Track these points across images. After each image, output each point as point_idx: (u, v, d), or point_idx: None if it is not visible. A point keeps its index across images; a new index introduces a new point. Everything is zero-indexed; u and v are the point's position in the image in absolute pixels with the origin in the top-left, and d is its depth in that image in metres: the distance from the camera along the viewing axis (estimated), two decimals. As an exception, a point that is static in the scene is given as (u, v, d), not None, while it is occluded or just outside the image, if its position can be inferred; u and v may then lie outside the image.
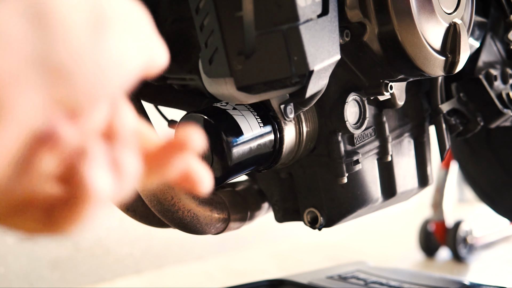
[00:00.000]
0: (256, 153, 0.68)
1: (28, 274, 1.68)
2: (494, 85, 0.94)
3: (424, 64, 0.66)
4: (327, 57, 0.56)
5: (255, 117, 0.69)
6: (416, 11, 0.64)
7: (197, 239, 1.67)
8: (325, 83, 0.60)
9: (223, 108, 0.69)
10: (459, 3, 0.71)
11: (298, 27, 0.52)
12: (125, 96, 0.32)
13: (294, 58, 0.52)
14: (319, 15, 0.55)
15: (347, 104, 0.72)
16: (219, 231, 0.81)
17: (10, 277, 1.63)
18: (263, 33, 0.52)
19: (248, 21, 0.53)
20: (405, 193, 0.87)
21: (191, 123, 0.68)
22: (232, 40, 0.54)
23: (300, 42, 0.52)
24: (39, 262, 1.71)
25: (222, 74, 0.57)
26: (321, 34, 0.55)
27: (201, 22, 0.56)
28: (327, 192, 0.77)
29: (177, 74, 0.83)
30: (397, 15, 0.62)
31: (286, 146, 0.71)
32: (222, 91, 0.59)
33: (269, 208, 0.90)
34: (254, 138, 0.67)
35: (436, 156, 0.93)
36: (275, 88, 0.55)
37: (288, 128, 0.71)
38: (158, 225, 0.82)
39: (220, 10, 0.54)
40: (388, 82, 0.71)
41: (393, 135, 0.83)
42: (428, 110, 0.90)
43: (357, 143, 0.76)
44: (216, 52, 0.56)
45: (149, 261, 1.80)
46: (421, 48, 0.65)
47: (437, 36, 0.68)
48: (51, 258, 1.73)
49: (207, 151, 0.66)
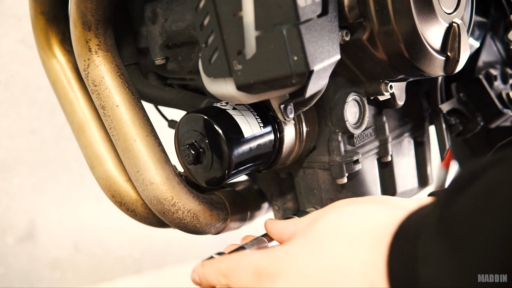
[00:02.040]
0: (256, 153, 0.68)
1: (28, 274, 1.68)
2: (494, 85, 0.94)
3: (424, 64, 0.66)
4: (327, 57, 0.56)
5: (255, 117, 0.69)
6: (416, 11, 0.64)
7: (197, 239, 1.67)
8: (325, 83, 0.60)
9: (223, 108, 0.69)
10: (459, 3, 0.71)
11: (298, 27, 0.52)
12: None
13: (294, 58, 0.52)
14: (319, 15, 0.55)
15: (347, 104, 0.72)
16: (219, 231, 0.81)
17: (10, 277, 1.63)
18: (263, 33, 0.52)
19: (248, 21, 0.53)
20: (405, 193, 0.87)
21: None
22: (232, 40, 0.54)
23: (300, 42, 0.52)
24: (39, 262, 1.71)
25: (222, 74, 0.57)
26: (321, 34, 0.55)
27: (201, 21, 0.56)
28: (327, 192, 0.77)
29: (177, 74, 0.83)
30: (397, 15, 0.62)
31: (286, 146, 0.71)
32: (222, 91, 0.59)
33: (269, 208, 0.90)
34: (254, 138, 0.67)
35: (436, 156, 0.93)
36: (275, 88, 0.55)
37: (288, 128, 0.71)
38: (158, 225, 0.82)
39: (220, 10, 0.54)
40: (388, 82, 0.71)
41: (393, 135, 0.83)
42: (428, 110, 0.90)
43: (357, 143, 0.76)
44: (216, 52, 0.56)
45: (149, 261, 1.80)
46: (421, 48, 0.65)
47: (437, 36, 0.68)
48: (51, 258, 1.73)
49: (207, 151, 0.66)
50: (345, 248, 0.44)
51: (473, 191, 0.37)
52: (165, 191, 0.73)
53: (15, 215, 1.74)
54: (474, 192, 0.37)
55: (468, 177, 0.39)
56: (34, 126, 1.78)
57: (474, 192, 0.37)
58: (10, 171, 1.74)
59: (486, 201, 0.36)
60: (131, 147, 0.74)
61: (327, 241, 0.46)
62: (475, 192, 0.37)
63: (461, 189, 0.38)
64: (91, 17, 0.72)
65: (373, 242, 0.43)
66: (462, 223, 0.36)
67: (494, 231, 0.34)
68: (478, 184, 0.37)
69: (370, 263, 0.42)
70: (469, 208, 0.37)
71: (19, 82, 1.75)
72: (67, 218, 1.81)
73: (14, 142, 1.75)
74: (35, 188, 1.77)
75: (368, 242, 0.44)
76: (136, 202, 0.79)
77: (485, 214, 0.35)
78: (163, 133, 0.85)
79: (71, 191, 1.82)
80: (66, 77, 0.84)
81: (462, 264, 0.36)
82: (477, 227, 0.35)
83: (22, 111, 1.76)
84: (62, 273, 1.71)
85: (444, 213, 0.38)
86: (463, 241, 0.36)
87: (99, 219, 1.84)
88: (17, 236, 1.71)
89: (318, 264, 0.45)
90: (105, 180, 0.80)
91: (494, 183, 0.36)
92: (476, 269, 0.35)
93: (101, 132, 0.81)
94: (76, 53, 0.76)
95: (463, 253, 0.36)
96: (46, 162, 1.79)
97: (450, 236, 0.37)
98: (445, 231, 0.37)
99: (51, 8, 0.80)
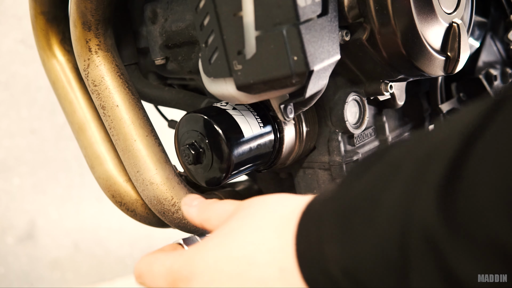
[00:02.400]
0: (256, 153, 0.68)
1: (28, 274, 1.68)
2: (494, 85, 0.94)
3: (424, 64, 0.66)
4: (327, 57, 0.56)
5: (255, 117, 0.69)
6: (416, 11, 0.63)
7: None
8: (325, 83, 0.60)
9: (223, 108, 0.68)
10: (459, 3, 0.71)
11: (298, 27, 0.52)
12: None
13: (294, 58, 0.52)
14: (319, 15, 0.55)
15: (347, 104, 0.72)
16: (219, 231, 0.81)
17: (10, 277, 1.63)
18: (263, 33, 0.52)
19: (248, 21, 0.53)
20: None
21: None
22: (232, 40, 0.54)
23: (300, 42, 0.52)
24: (39, 262, 1.71)
25: (222, 74, 0.57)
26: (321, 34, 0.55)
27: (201, 21, 0.56)
28: (327, 192, 0.77)
29: (177, 74, 0.83)
30: (397, 15, 0.62)
31: (286, 146, 0.71)
32: (222, 91, 0.59)
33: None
34: (254, 138, 0.67)
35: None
36: (275, 88, 0.55)
37: (288, 128, 0.71)
38: (158, 225, 0.82)
39: (220, 10, 0.54)
40: (388, 82, 0.71)
41: (393, 135, 0.83)
42: (428, 110, 0.90)
43: (357, 143, 0.76)
44: (216, 52, 0.56)
45: (149, 261, 1.80)
46: (421, 48, 0.65)
47: (437, 36, 0.68)
48: (51, 258, 1.73)
49: (207, 151, 0.66)
50: (254, 237, 0.44)
51: (375, 169, 0.38)
52: (165, 191, 0.73)
53: (15, 215, 1.74)
54: (376, 169, 0.38)
55: (373, 157, 0.39)
56: (34, 126, 1.78)
57: (376, 169, 0.38)
58: (10, 171, 1.74)
59: (386, 178, 0.36)
60: (131, 147, 0.74)
61: (236, 233, 0.46)
62: (377, 170, 0.37)
63: (366, 168, 0.39)
64: (91, 17, 0.72)
65: (280, 227, 0.43)
66: (362, 200, 0.37)
67: (393, 207, 0.34)
68: (381, 162, 0.38)
69: (278, 248, 0.42)
70: (370, 185, 0.37)
71: (19, 82, 1.75)
72: (67, 218, 1.81)
73: (14, 142, 1.75)
74: (35, 188, 1.77)
75: (275, 228, 0.44)
76: (136, 202, 0.79)
77: (385, 189, 0.35)
78: (163, 133, 0.85)
79: (71, 191, 1.82)
80: (66, 77, 0.84)
81: (362, 239, 0.36)
82: (377, 204, 0.35)
83: (22, 111, 1.76)
84: (62, 273, 1.71)
85: (347, 191, 0.39)
86: (362, 217, 0.36)
87: (99, 219, 1.84)
88: (17, 236, 1.71)
89: (228, 257, 0.45)
90: (105, 180, 0.80)
91: (396, 161, 0.37)
92: (375, 244, 0.35)
93: (101, 132, 0.81)
94: (76, 53, 0.76)
95: (363, 229, 0.36)
96: (46, 162, 1.79)
97: (351, 212, 0.37)
98: (346, 209, 0.38)
99: (51, 8, 0.80)
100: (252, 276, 0.43)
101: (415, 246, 0.33)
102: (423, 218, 0.33)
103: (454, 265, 0.31)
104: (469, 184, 0.31)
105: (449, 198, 0.32)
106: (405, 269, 0.33)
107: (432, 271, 0.32)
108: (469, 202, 0.31)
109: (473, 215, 0.31)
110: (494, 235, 0.30)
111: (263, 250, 0.43)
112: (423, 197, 0.33)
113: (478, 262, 0.31)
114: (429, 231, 0.32)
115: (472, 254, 0.31)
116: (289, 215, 0.44)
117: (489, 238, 0.30)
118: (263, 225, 0.45)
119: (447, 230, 0.31)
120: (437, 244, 0.32)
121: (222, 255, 0.45)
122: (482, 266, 0.31)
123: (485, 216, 0.30)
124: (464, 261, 0.31)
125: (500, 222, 0.30)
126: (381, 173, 0.37)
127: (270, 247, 0.43)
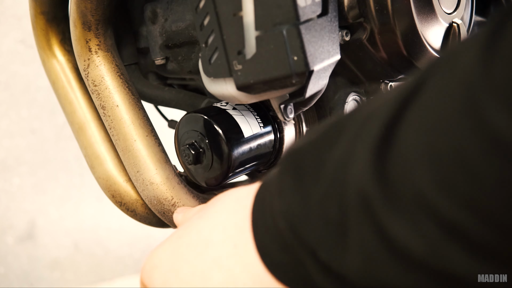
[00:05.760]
0: (256, 153, 0.68)
1: (28, 274, 1.68)
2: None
3: (424, 64, 0.66)
4: (327, 57, 0.56)
5: (255, 117, 0.69)
6: (416, 11, 0.64)
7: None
8: (325, 83, 0.60)
9: (223, 108, 0.69)
10: (459, 3, 0.71)
11: (298, 27, 0.52)
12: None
13: (294, 58, 0.52)
14: (319, 15, 0.55)
15: (347, 104, 0.72)
16: (219, 231, 0.81)
17: (10, 277, 1.63)
18: (263, 33, 0.52)
19: (248, 21, 0.53)
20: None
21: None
22: (232, 40, 0.54)
23: (300, 42, 0.52)
24: (39, 262, 1.71)
25: (222, 74, 0.57)
26: (321, 34, 0.55)
27: (201, 21, 0.56)
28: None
29: (177, 74, 0.83)
30: (397, 15, 0.62)
31: (286, 146, 0.71)
32: (222, 91, 0.59)
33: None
34: (254, 138, 0.67)
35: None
36: (275, 88, 0.55)
37: (288, 128, 0.71)
38: (158, 225, 0.82)
39: (220, 10, 0.54)
40: (388, 82, 0.71)
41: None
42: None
43: (357, 143, 0.76)
44: (216, 52, 0.56)
45: (149, 261, 1.80)
46: (421, 48, 0.65)
47: (437, 36, 0.68)
48: (51, 258, 1.73)
49: (207, 151, 0.66)
50: (210, 221, 0.45)
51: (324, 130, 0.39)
52: (165, 191, 0.73)
53: (15, 215, 1.74)
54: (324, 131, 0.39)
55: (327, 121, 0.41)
56: (34, 126, 1.78)
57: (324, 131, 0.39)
58: (10, 171, 1.74)
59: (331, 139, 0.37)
60: (131, 147, 0.74)
61: (195, 222, 0.47)
62: (325, 132, 0.39)
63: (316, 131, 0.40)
64: (91, 17, 0.72)
65: (237, 206, 0.44)
66: (310, 160, 0.38)
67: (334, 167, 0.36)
68: (330, 124, 0.39)
69: (232, 225, 0.43)
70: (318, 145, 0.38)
71: (19, 82, 1.75)
72: (67, 218, 1.81)
73: (14, 142, 1.75)
74: (35, 188, 1.78)
75: (231, 208, 0.45)
76: (136, 202, 0.79)
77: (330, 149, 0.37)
78: (163, 133, 0.85)
79: (71, 191, 1.82)
80: (66, 77, 0.84)
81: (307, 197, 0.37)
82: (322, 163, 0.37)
83: (22, 111, 1.76)
84: (62, 273, 1.71)
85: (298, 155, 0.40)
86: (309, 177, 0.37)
87: (99, 219, 1.84)
88: (17, 236, 1.71)
89: (187, 244, 0.46)
90: (105, 180, 0.80)
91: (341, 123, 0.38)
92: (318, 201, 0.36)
93: (101, 132, 0.81)
94: (76, 53, 0.76)
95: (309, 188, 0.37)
96: (46, 162, 1.79)
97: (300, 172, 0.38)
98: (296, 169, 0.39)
99: (51, 8, 0.80)
100: (209, 256, 0.44)
101: (352, 206, 0.34)
102: (359, 178, 0.34)
103: (387, 224, 0.32)
104: (401, 145, 0.32)
105: (382, 158, 0.33)
106: (344, 227, 0.34)
107: (368, 230, 0.33)
108: (400, 162, 0.32)
109: (402, 175, 0.32)
110: (419, 192, 0.31)
111: (219, 229, 0.44)
112: (360, 157, 0.34)
113: (407, 221, 0.31)
114: (364, 191, 0.33)
115: (402, 213, 0.32)
116: (245, 194, 0.44)
117: (416, 195, 0.31)
118: (219, 209, 0.46)
119: (380, 190, 0.32)
120: (372, 204, 0.33)
121: (182, 243, 0.46)
122: (411, 225, 0.31)
123: (412, 174, 0.31)
124: (395, 220, 0.32)
125: (424, 178, 0.31)
126: (328, 135, 0.38)
127: (226, 226, 0.44)
